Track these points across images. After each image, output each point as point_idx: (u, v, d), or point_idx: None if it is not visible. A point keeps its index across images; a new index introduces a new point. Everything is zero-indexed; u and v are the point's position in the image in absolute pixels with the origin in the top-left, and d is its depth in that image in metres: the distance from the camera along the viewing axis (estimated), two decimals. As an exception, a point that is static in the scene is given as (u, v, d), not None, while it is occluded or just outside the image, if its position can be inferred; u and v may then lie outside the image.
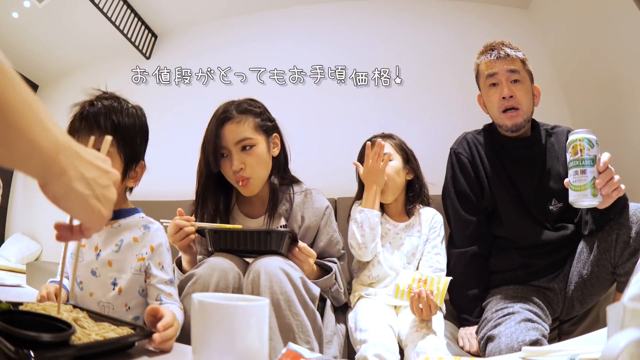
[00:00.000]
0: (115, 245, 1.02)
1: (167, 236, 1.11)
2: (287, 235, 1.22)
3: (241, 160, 1.29)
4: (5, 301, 0.71)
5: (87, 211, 0.51)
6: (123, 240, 1.02)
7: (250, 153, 1.30)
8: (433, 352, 1.18)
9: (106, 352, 0.67)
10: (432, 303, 1.23)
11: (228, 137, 1.30)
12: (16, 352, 0.51)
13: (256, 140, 1.32)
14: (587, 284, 1.34)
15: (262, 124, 1.35)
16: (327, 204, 1.44)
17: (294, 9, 2.85)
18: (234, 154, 1.29)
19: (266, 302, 0.57)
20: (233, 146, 1.30)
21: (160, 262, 1.03)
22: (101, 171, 0.52)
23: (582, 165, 1.10)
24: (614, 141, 2.05)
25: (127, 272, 1.01)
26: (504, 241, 1.46)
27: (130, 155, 1.03)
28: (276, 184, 1.38)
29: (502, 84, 1.39)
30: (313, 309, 1.18)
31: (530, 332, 1.15)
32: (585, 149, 1.10)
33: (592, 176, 1.09)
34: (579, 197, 1.11)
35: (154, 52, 2.96)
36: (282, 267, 1.15)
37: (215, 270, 1.14)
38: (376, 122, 2.63)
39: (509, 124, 1.40)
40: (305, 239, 1.37)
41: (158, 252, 1.03)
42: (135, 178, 1.08)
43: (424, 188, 1.59)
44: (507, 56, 1.38)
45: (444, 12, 2.68)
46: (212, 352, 0.53)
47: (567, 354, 0.68)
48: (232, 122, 1.31)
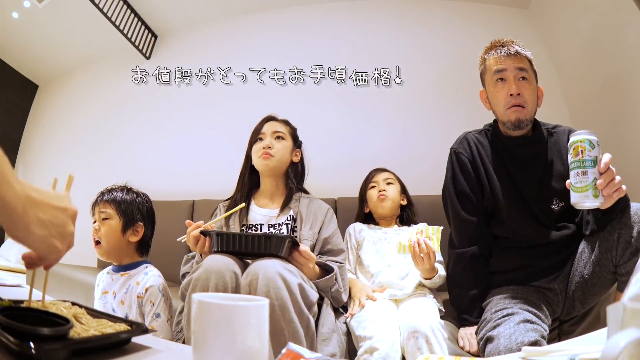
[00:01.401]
0: (125, 289, 1.43)
1: (192, 248, 1.36)
2: (287, 240, 1.28)
3: (272, 142, 1.64)
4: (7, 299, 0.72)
5: (45, 248, 0.60)
6: (130, 285, 1.44)
7: (279, 142, 1.65)
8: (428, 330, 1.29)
9: (103, 346, 0.68)
10: (430, 249, 1.42)
11: (268, 128, 1.67)
12: (17, 345, 0.54)
13: (286, 137, 1.67)
14: (588, 283, 1.34)
15: (294, 134, 1.72)
16: (329, 206, 1.67)
17: (294, 9, 2.86)
18: (268, 137, 1.65)
19: (266, 302, 0.57)
20: (270, 133, 1.66)
21: (151, 300, 1.41)
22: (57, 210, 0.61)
23: (584, 166, 1.10)
24: (614, 141, 2.05)
25: (132, 307, 1.40)
26: (505, 241, 1.46)
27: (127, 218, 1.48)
28: (293, 185, 1.67)
29: (509, 81, 1.38)
30: (308, 316, 1.22)
31: (529, 334, 1.15)
32: (587, 150, 1.10)
33: (593, 177, 1.09)
34: (580, 199, 1.11)
35: (154, 52, 2.96)
36: (280, 272, 1.18)
37: (211, 274, 1.19)
38: (376, 122, 2.64)
39: (513, 117, 1.38)
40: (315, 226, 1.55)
41: (149, 292, 1.41)
42: (137, 235, 1.50)
43: (414, 211, 1.91)
44: (517, 54, 1.38)
45: (444, 12, 2.69)
46: (212, 352, 0.53)
47: (567, 354, 0.68)
48: (275, 122, 1.71)
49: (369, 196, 1.88)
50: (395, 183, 1.88)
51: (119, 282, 1.45)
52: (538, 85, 1.44)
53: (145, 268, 1.48)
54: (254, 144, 1.66)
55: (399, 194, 1.87)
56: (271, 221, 1.57)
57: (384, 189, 1.83)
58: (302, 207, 1.60)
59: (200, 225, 1.34)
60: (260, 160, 1.61)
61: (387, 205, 1.81)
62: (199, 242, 1.33)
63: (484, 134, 1.52)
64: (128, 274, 1.47)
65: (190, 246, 1.36)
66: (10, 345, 0.54)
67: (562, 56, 2.43)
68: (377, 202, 1.83)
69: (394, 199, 1.83)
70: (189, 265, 1.50)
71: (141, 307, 1.41)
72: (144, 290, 1.41)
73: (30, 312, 0.66)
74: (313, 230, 1.53)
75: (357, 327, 1.37)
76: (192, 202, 2.41)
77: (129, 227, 1.50)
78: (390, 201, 1.82)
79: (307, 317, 1.21)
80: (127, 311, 1.40)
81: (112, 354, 0.68)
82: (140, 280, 1.44)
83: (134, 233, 1.50)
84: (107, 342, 0.69)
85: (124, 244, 1.49)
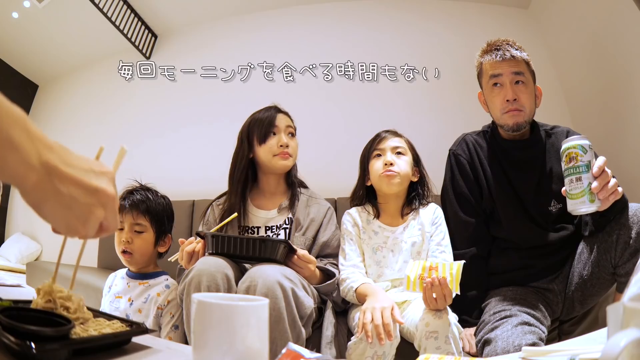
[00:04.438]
0: (144, 298, 1.42)
1: (185, 265, 1.32)
2: (282, 245, 1.26)
3: (288, 141, 1.52)
4: (6, 299, 0.72)
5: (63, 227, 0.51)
6: (150, 295, 1.42)
7: (292, 139, 1.55)
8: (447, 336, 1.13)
9: (104, 346, 0.68)
10: (447, 291, 1.14)
11: (282, 121, 1.53)
12: (19, 345, 0.54)
13: (295, 133, 1.57)
14: (587, 284, 1.34)
15: (294, 126, 1.59)
16: (329, 205, 1.59)
17: (295, 8, 2.86)
18: (283, 134, 1.51)
19: (266, 302, 0.57)
20: (284, 128, 1.53)
21: (171, 312, 1.40)
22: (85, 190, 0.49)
23: (578, 172, 1.10)
24: (614, 141, 2.05)
25: (150, 317, 1.39)
26: (504, 242, 1.46)
27: (159, 229, 1.46)
28: (296, 181, 1.59)
29: (506, 86, 1.37)
30: (300, 328, 1.22)
31: (526, 336, 1.15)
32: (579, 155, 1.10)
33: (588, 182, 1.09)
34: (576, 205, 1.11)
35: (154, 52, 2.96)
36: (279, 281, 1.17)
37: (202, 275, 1.18)
38: (377, 121, 2.64)
39: (511, 122, 1.38)
40: (309, 231, 1.48)
41: (171, 305, 1.41)
42: (164, 246, 1.49)
43: (428, 189, 1.55)
44: (512, 58, 1.36)
45: (444, 12, 2.68)
46: (212, 352, 0.53)
47: (567, 354, 0.68)
48: (284, 114, 1.57)
49: (371, 167, 1.50)
50: (407, 153, 1.50)
51: (137, 290, 1.43)
52: (537, 85, 1.43)
53: (166, 280, 1.46)
54: (264, 136, 1.48)
55: (411, 167, 1.49)
56: (269, 223, 1.52)
57: (392, 162, 1.46)
58: (300, 208, 1.51)
59: (192, 241, 1.31)
60: (278, 160, 1.48)
61: (394, 182, 1.45)
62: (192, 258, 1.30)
63: (483, 135, 1.52)
64: (148, 284, 1.44)
65: (183, 264, 1.33)
66: (11, 345, 0.54)
67: (562, 56, 2.43)
68: (382, 178, 1.45)
69: (404, 176, 1.46)
70: None
71: (159, 317, 1.40)
72: (165, 303, 1.40)
73: (31, 312, 0.65)
74: (306, 236, 1.47)
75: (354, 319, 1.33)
76: (192, 202, 2.41)
77: (160, 239, 1.47)
78: (399, 178, 1.45)
79: (299, 328, 1.21)
80: (144, 319, 1.39)
81: (112, 354, 0.68)
82: (161, 292, 1.42)
83: (162, 244, 1.48)
84: (108, 342, 0.69)
85: (154, 255, 1.48)
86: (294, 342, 1.18)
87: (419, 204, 1.52)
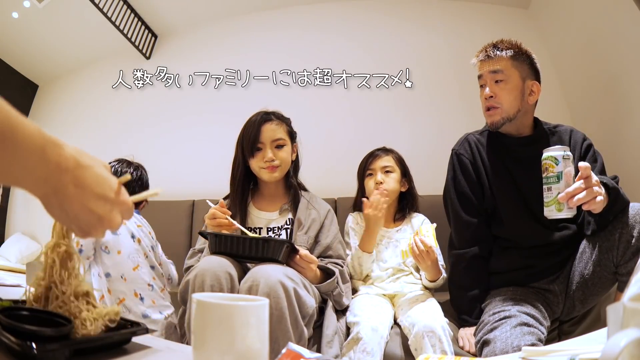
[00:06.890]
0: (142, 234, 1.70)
1: (205, 217, 1.35)
2: (285, 245, 1.27)
3: (274, 154, 1.52)
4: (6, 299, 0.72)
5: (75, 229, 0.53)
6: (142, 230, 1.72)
7: (280, 150, 1.55)
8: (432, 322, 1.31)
9: (104, 346, 0.69)
10: (427, 246, 1.43)
11: (266, 134, 1.52)
12: (19, 344, 0.54)
13: (286, 142, 1.56)
14: (588, 283, 1.34)
15: (291, 130, 1.60)
16: (330, 207, 1.63)
17: (295, 9, 2.85)
18: (268, 149, 1.52)
19: (266, 302, 0.57)
20: (269, 142, 1.52)
21: None
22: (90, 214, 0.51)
23: (549, 182, 1.18)
24: (614, 141, 2.05)
25: None
26: (505, 242, 1.46)
27: None
28: (295, 184, 1.60)
29: (486, 86, 1.42)
30: (302, 328, 1.22)
31: (525, 337, 1.15)
32: (551, 167, 1.17)
33: (557, 192, 1.16)
34: (548, 212, 1.19)
35: (154, 52, 2.96)
36: (281, 281, 1.18)
37: (206, 275, 1.18)
38: (377, 122, 2.64)
39: (489, 121, 1.45)
40: (311, 231, 1.50)
41: None
42: None
43: (415, 198, 1.80)
44: (489, 57, 1.41)
45: (443, 12, 2.68)
46: (212, 352, 0.53)
47: (567, 354, 0.68)
48: (272, 123, 1.54)
49: (366, 185, 1.76)
50: (395, 170, 1.74)
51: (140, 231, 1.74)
52: (534, 81, 1.43)
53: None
54: (251, 152, 1.53)
55: (398, 183, 1.74)
56: (270, 224, 1.55)
57: (382, 182, 1.70)
58: (300, 209, 1.55)
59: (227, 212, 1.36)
60: (266, 173, 1.53)
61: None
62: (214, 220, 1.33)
63: (485, 134, 1.52)
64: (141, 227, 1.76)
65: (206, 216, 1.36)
66: (11, 345, 0.55)
67: (562, 56, 2.43)
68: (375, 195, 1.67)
69: (392, 191, 1.71)
70: (195, 259, 1.47)
71: None
72: None
73: (31, 312, 0.65)
74: (308, 235, 1.50)
75: (349, 314, 1.43)
76: (192, 202, 2.41)
77: None
78: (387, 193, 1.66)
79: (301, 328, 1.22)
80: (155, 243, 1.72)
81: (113, 354, 0.68)
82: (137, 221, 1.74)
83: None
84: (108, 342, 0.69)
85: None
86: (296, 342, 1.19)
87: (408, 210, 1.78)
